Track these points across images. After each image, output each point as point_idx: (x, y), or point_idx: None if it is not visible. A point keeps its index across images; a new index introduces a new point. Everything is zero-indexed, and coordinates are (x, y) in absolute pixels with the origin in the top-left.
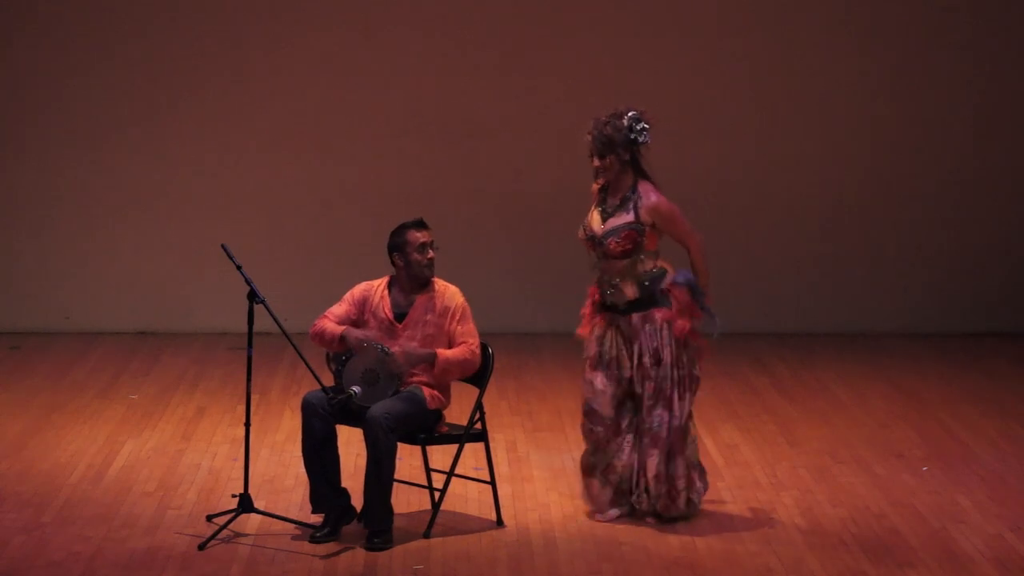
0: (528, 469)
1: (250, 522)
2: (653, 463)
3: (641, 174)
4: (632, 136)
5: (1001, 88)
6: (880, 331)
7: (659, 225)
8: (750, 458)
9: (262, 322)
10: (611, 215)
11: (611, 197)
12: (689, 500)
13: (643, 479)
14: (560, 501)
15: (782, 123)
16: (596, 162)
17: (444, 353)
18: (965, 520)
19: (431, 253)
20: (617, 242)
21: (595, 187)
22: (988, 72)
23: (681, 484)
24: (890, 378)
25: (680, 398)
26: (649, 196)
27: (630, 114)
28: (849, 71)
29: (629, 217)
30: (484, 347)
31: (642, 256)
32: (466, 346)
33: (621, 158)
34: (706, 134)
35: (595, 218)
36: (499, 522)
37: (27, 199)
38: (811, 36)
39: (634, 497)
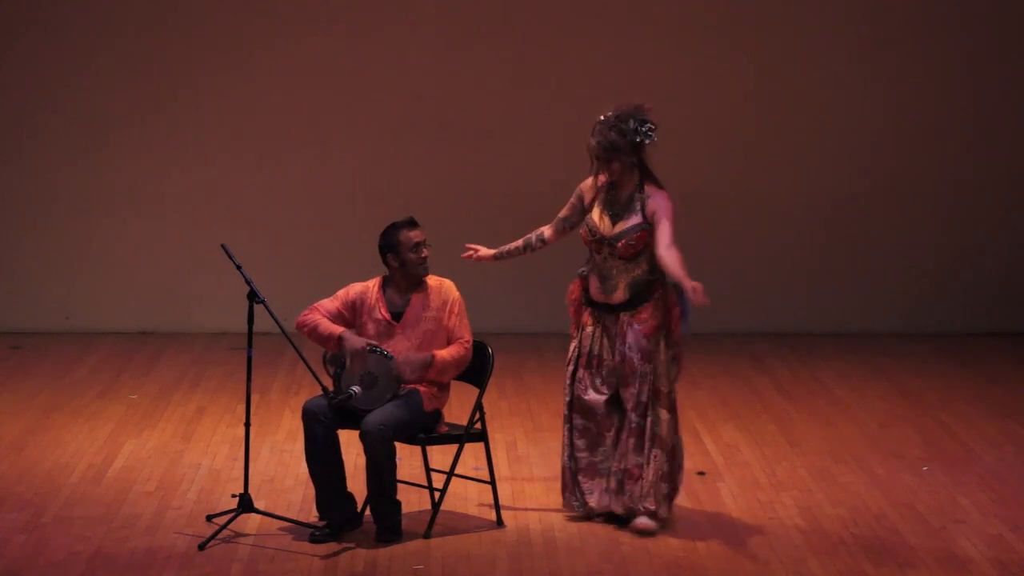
0: (528, 469)
1: (250, 522)
2: (658, 463)
3: (646, 174)
4: (638, 139)
5: (1000, 89)
6: (880, 331)
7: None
8: (750, 458)
9: (262, 322)
10: (620, 217)
11: (617, 199)
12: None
13: (638, 479)
14: (560, 501)
15: (782, 123)
16: (602, 170)
17: (440, 354)
18: (965, 520)
19: (425, 252)
20: (630, 244)
21: (588, 182)
22: (987, 73)
23: (678, 484)
24: (890, 378)
25: (672, 398)
26: (655, 196)
27: (636, 115)
28: (848, 72)
29: (638, 219)
30: (484, 347)
31: (646, 255)
32: (460, 344)
33: (626, 162)
34: (706, 134)
35: (604, 221)
36: (499, 522)
37: (27, 199)
38: (811, 37)
39: (626, 497)
